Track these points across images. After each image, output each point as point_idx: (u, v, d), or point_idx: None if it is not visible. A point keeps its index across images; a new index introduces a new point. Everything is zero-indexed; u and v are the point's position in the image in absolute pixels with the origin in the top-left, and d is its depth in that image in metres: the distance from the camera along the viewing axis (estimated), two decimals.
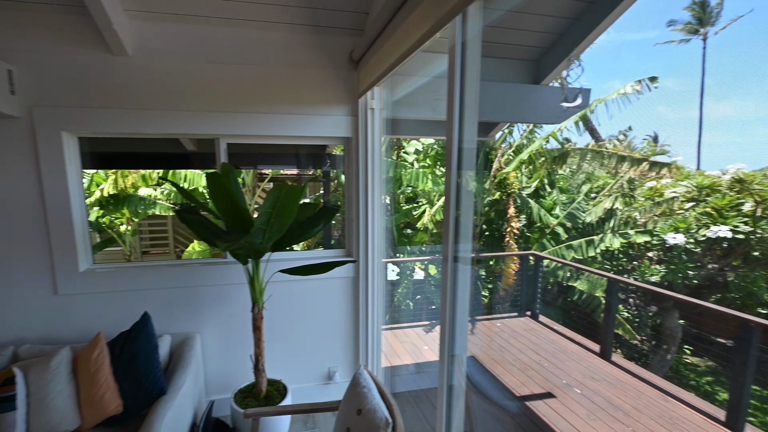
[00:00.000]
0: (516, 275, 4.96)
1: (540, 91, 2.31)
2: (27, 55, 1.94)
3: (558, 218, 5.70)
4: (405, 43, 1.38)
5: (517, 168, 5.37)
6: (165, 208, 4.78)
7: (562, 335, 4.08)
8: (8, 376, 1.73)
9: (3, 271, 2.07)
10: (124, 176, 4.54)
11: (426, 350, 3.65)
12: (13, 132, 1.98)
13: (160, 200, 4.97)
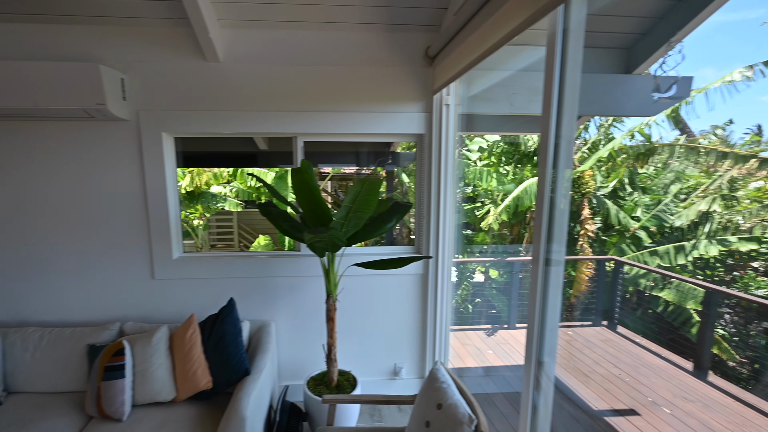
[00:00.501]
0: (590, 281, 4.67)
1: (631, 81, 2.16)
2: (136, 65, 2.25)
3: (640, 221, 5.25)
4: (492, 37, 1.38)
5: (593, 166, 5.04)
6: (233, 205, 5.22)
7: (645, 349, 3.78)
8: (119, 347, 2.02)
9: (111, 256, 2.42)
10: (199, 174, 5.05)
11: (490, 354, 3.60)
12: (123, 133, 2.30)
13: (229, 197, 5.45)
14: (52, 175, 2.34)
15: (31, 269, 2.42)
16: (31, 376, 2.21)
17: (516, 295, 4.19)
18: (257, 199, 5.33)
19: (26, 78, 2.01)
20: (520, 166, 5.50)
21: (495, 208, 5.28)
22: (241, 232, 6.83)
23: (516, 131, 2.64)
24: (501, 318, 4.62)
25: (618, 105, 2.18)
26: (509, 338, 4.07)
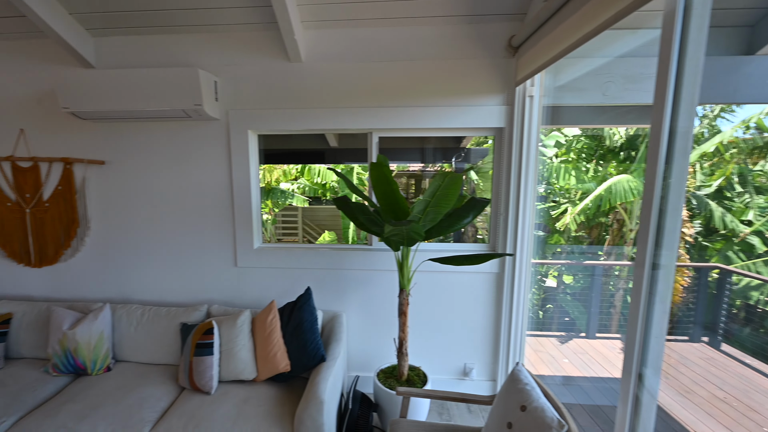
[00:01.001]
0: (686, 291, 4.21)
1: (754, 63, 1.91)
2: (227, 68, 2.49)
3: (753, 225, 4.60)
4: (592, 22, 1.32)
5: (695, 162, 4.52)
6: (300, 201, 5.56)
7: (759, 372, 3.33)
8: (208, 327, 2.27)
9: (201, 245, 2.72)
10: (270, 171, 5.45)
11: (566, 363, 3.43)
12: (215, 131, 2.57)
13: (296, 194, 5.81)
14: (154, 171, 2.68)
15: (135, 254, 2.80)
16: (133, 348, 2.57)
17: (596, 302, 3.92)
18: (322, 195, 5.61)
19: (140, 84, 2.33)
20: (603, 162, 5.11)
21: (573, 208, 4.98)
22: (305, 227, 7.24)
23: (609, 123, 2.47)
24: (576, 326, 4.36)
25: (736, 91, 1.95)
26: (588, 348, 3.83)
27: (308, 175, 5.33)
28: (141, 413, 2.03)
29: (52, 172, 2.75)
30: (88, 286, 2.88)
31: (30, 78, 2.68)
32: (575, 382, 3.18)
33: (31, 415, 2.07)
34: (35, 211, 2.80)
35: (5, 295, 2.96)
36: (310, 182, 5.38)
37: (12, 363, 2.55)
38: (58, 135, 2.72)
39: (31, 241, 2.85)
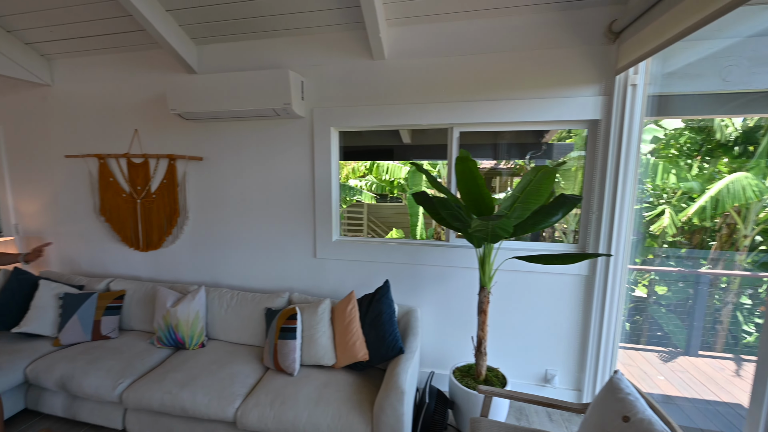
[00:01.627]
0: None
1: None
2: (312, 69, 2.68)
3: None
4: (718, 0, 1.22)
5: None
6: (368, 197, 5.76)
7: None
8: (292, 313, 2.46)
9: (283, 236, 2.95)
10: (341, 168, 5.71)
11: (662, 381, 3.17)
12: (299, 128, 2.78)
13: (364, 190, 6.03)
14: (244, 166, 2.97)
15: (225, 242, 3.12)
16: (223, 328, 2.86)
17: (699, 316, 3.55)
18: (389, 192, 5.75)
19: (236, 86, 2.59)
20: (710, 158, 4.57)
21: (671, 210, 4.53)
22: (369, 224, 7.47)
23: (729, 113, 2.23)
24: (671, 341, 3.98)
25: None
26: (688, 366, 3.49)
27: (376, 172, 5.50)
28: (233, 387, 2.27)
29: (159, 167, 3.17)
30: (184, 269, 3.27)
31: (144, 85, 3.11)
32: (674, 401, 2.92)
33: (142, 379, 2.41)
34: (144, 201, 3.25)
35: (119, 275, 3.47)
36: (378, 179, 5.54)
37: (125, 333, 2.99)
38: (164, 134, 3.12)
39: (140, 228, 3.30)
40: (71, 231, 3.55)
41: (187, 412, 2.21)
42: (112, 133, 3.26)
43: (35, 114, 3.49)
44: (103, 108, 3.26)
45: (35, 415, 2.69)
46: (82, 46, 3.12)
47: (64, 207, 3.53)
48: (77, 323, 2.83)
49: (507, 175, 4.97)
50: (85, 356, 2.58)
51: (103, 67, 3.20)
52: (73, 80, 3.32)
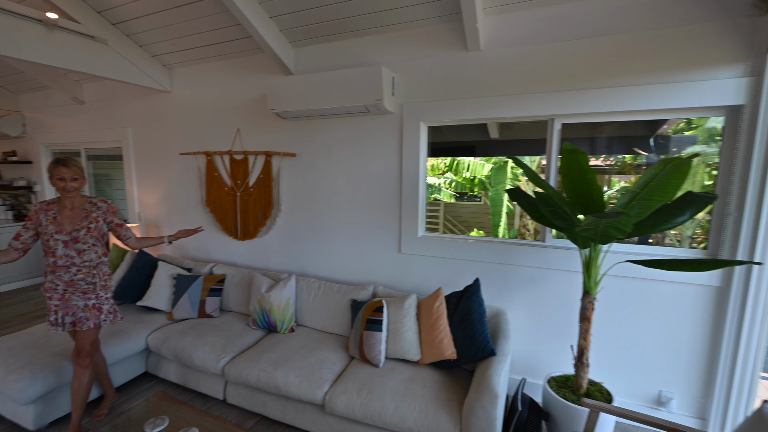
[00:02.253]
0: None
1: None
2: (403, 64, 2.72)
3: None
4: None
5: None
6: (447, 196, 5.70)
7: None
8: (379, 305, 2.51)
9: (368, 229, 3.03)
10: None
11: None
12: (388, 124, 2.83)
13: (443, 188, 5.97)
14: (333, 162, 3.11)
15: (314, 235, 3.30)
16: (311, 315, 3.02)
17: None
18: (469, 191, 5.63)
19: (329, 84, 2.73)
20: None
21: None
22: (446, 223, 7.39)
23: None
24: None
25: None
26: None
27: (456, 170, 5.41)
28: (321, 372, 2.38)
29: (256, 163, 3.45)
30: (276, 258, 3.52)
31: (246, 88, 3.42)
32: None
33: (241, 356, 2.64)
34: (243, 195, 3.56)
35: (220, 260, 3.85)
36: (458, 177, 5.46)
37: (225, 314, 3.30)
38: (262, 133, 3.40)
39: (238, 219, 3.63)
40: (182, 220, 4.03)
41: (280, 391, 2.37)
42: (218, 132, 3.63)
43: (157, 117, 4.03)
44: (211, 110, 3.65)
45: (153, 378, 3.10)
46: (197, 56, 3.52)
47: (177, 198, 4.02)
48: (187, 301, 3.20)
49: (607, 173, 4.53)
50: (194, 331, 2.90)
51: (212, 73, 3.59)
52: (188, 86, 3.77)
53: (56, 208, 2.16)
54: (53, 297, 2.19)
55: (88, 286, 2.24)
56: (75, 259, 2.17)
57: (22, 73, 4.59)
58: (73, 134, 4.77)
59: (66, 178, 2.08)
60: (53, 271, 2.17)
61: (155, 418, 2.09)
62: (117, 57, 3.42)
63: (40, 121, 5.15)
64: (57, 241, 2.12)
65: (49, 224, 2.12)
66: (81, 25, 3.13)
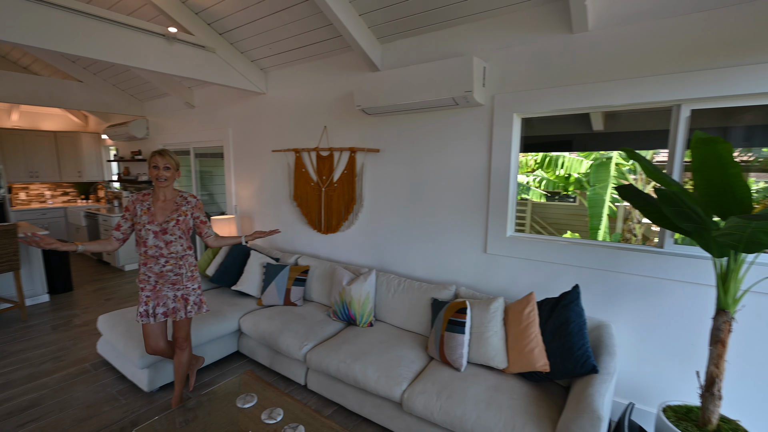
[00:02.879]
0: None
1: None
2: (496, 53, 2.58)
3: None
4: None
5: None
6: (537, 195, 5.33)
7: None
8: (462, 306, 2.41)
9: (452, 227, 2.94)
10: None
11: None
12: (477, 117, 2.71)
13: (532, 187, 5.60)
14: (416, 157, 3.07)
15: (394, 230, 3.30)
16: (390, 311, 3.02)
17: None
18: (563, 190, 5.20)
19: (416, 78, 2.69)
20: None
21: None
22: (533, 224, 6.96)
23: None
24: None
25: None
26: None
27: (548, 167, 5.03)
28: (399, 369, 2.35)
29: (341, 159, 3.56)
30: (356, 253, 3.60)
31: (333, 86, 3.55)
32: None
33: (321, 345, 2.73)
34: (327, 190, 3.70)
35: (304, 252, 4.06)
36: (550, 175, 5.05)
37: (307, 303, 3.47)
38: (347, 129, 3.49)
39: (322, 214, 3.79)
40: (271, 213, 4.34)
41: (358, 383, 2.39)
42: (306, 130, 3.83)
43: (253, 117, 4.39)
44: (301, 109, 3.86)
45: (243, 358, 3.37)
46: (289, 58, 3.75)
47: (268, 193, 4.34)
48: (274, 289, 3.42)
49: (747, 170, 3.78)
50: (280, 317, 3.08)
51: (303, 74, 3.79)
52: (280, 87, 4.04)
53: (150, 200, 2.29)
54: (145, 288, 2.31)
55: (176, 277, 2.34)
56: (163, 250, 2.27)
57: (148, 83, 5.35)
58: (185, 135, 5.43)
59: (159, 166, 2.22)
60: (145, 263, 2.29)
61: (245, 395, 2.25)
62: (223, 64, 3.79)
63: (160, 124, 5.96)
64: (148, 231, 2.23)
65: (143, 214, 2.24)
66: (194, 36, 3.52)
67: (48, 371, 3.11)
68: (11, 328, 3.93)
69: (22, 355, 3.37)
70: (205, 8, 3.38)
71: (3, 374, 3.08)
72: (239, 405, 2.15)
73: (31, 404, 2.69)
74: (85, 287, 5.28)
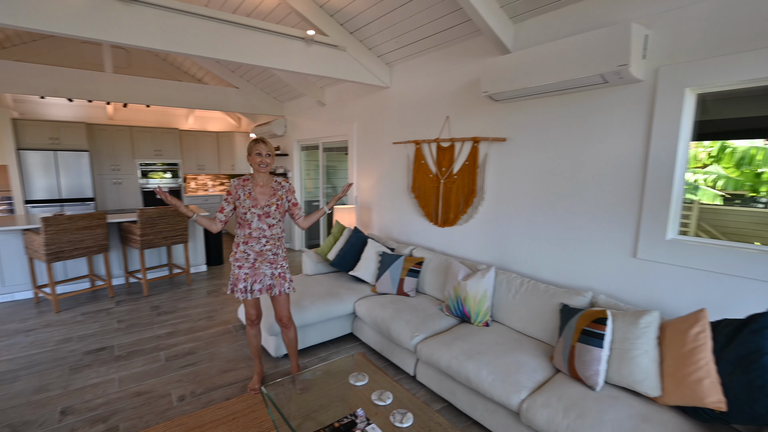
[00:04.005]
0: None
1: None
2: (662, 15, 2.16)
3: None
4: None
5: None
6: (711, 196, 4.36)
7: None
8: (601, 316, 2.08)
9: (590, 225, 2.58)
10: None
11: None
12: (632, 96, 2.31)
13: (702, 186, 4.61)
14: (548, 146, 2.78)
15: (518, 226, 3.05)
16: (509, 313, 2.81)
17: None
18: (751, 191, 4.12)
19: (555, 56, 2.42)
20: None
21: None
22: (699, 233, 5.78)
23: None
24: None
25: None
26: None
27: (729, 161, 4.05)
28: (518, 376, 2.15)
29: (462, 150, 3.46)
30: (473, 248, 3.45)
31: (457, 75, 3.46)
32: None
33: (433, 338, 2.67)
34: (446, 182, 3.64)
35: (418, 244, 4.08)
36: (731, 171, 4.04)
37: (419, 295, 3.46)
38: (470, 118, 3.37)
39: (440, 206, 3.74)
40: (389, 204, 4.47)
41: (470, 383, 2.27)
42: (427, 121, 3.82)
43: (376, 111, 4.57)
44: (422, 100, 3.87)
45: (356, 340, 3.53)
46: (414, 50, 3.79)
47: (387, 185, 4.48)
48: (388, 278, 3.49)
49: None
50: (393, 306, 3.13)
51: (426, 65, 3.80)
52: (403, 81, 4.12)
53: (251, 185, 2.46)
54: (243, 266, 2.47)
55: (274, 257, 2.52)
56: (266, 232, 2.45)
57: (288, 85, 6.05)
58: (315, 131, 5.98)
59: (262, 153, 2.38)
60: (246, 242, 2.46)
61: (357, 373, 2.33)
62: (352, 61, 4.03)
63: (295, 122, 6.69)
64: (253, 215, 2.41)
65: (246, 198, 2.42)
66: (328, 37, 3.82)
67: (202, 327, 3.74)
68: (180, 289, 4.87)
69: (185, 312, 4.12)
70: (339, 9, 3.64)
71: (173, 324, 3.81)
72: (351, 382, 2.24)
73: (190, 351, 3.26)
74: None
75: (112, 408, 2.51)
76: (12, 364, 3.02)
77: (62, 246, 3.98)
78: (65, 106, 7.33)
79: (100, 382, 2.79)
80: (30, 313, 4.03)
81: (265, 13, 4.25)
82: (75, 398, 2.60)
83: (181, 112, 8.64)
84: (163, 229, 4.65)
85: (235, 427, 2.34)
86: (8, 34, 5.74)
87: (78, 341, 3.41)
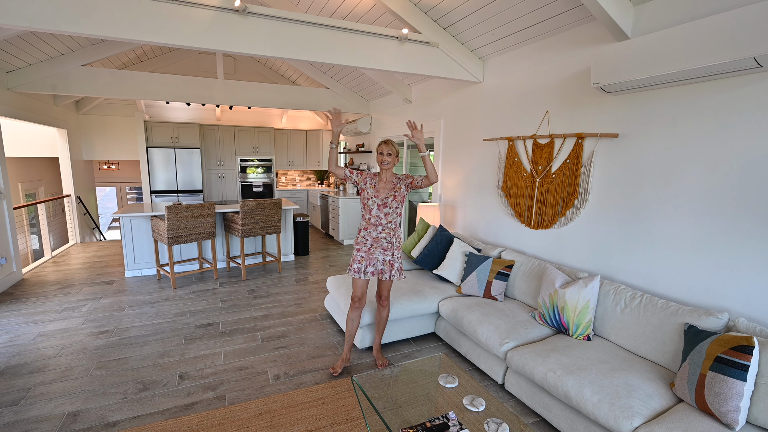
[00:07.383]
0: None
1: None
2: None
3: None
4: None
5: None
6: None
7: None
8: (744, 344, 1.76)
9: (725, 234, 2.20)
10: None
11: None
12: None
13: None
14: (673, 143, 2.44)
15: (630, 232, 2.73)
16: (616, 328, 2.53)
17: None
18: None
19: (692, 39, 2.10)
20: None
21: None
22: None
23: None
24: None
25: None
26: None
27: None
28: (629, 400, 1.92)
29: (563, 147, 3.20)
30: (572, 253, 3.18)
31: (559, 67, 3.21)
32: None
33: (525, 347, 2.51)
34: (543, 181, 3.40)
35: (508, 246, 3.89)
36: None
37: (508, 300, 3.29)
38: (574, 113, 3.10)
39: (534, 207, 3.51)
40: (476, 203, 4.33)
41: (570, 401, 2.09)
42: (523, 116, 3.61)
43: (466, 107, 4.45)
44: (518, 95, 3.67)
45: (438, 340, 3.48)
46: (511, 42, 3.60)
47: (474, 183, 4.34)
48: (474, 279, 3.38)
49: None
50: (479, 309, 3.02)
51: (524, 58, 3.58)
52: (497, 75, 3.95)
53: (377, 180, 2.82)
54: (361, 249, 2.81)
55: (388, 244, 2.80)
56: (382, 220, 2.76)
57: (376, 84, 6.19)
58: (400, 128, 6.03)
59: (384, 153, 2.71)
60: (366, 228, 2.81)
61: (447, 375, 2.28)
62: (444, 57, 3.97)
63: (380, 120, 6.83)
64: (374, 203, 2.76)
65: (370, 188, 2.79)
66: (421, 34, 3.80)
67: (292, 313, 4.00)
68: (272, 276, 5.26)
69: (277, 297, 4.45)
70: (433, 6, 3.60)
71: (267, 308, 4.13)
72: (441, 383, 2.21)
73: (282, 335, 3.50)
74: (316, 253, 6.59)
75: (219, 379, 2.79)
76: (142, 330, 3.53)
77: (180, 231, 4.55)
78: (183, 109, 8.40)
79: (209, 354, 3.13)
80: (153, 287, 4.68)
81: (360, 14, 4.38)
82: (190, 366, 2.95)
83: (276, 112, 9.35)
84: (260, 220, 5.07)
85: (324, 411, 2.44)
86: (145, 49, 6.73)
87: (191, 315, 3.87)
